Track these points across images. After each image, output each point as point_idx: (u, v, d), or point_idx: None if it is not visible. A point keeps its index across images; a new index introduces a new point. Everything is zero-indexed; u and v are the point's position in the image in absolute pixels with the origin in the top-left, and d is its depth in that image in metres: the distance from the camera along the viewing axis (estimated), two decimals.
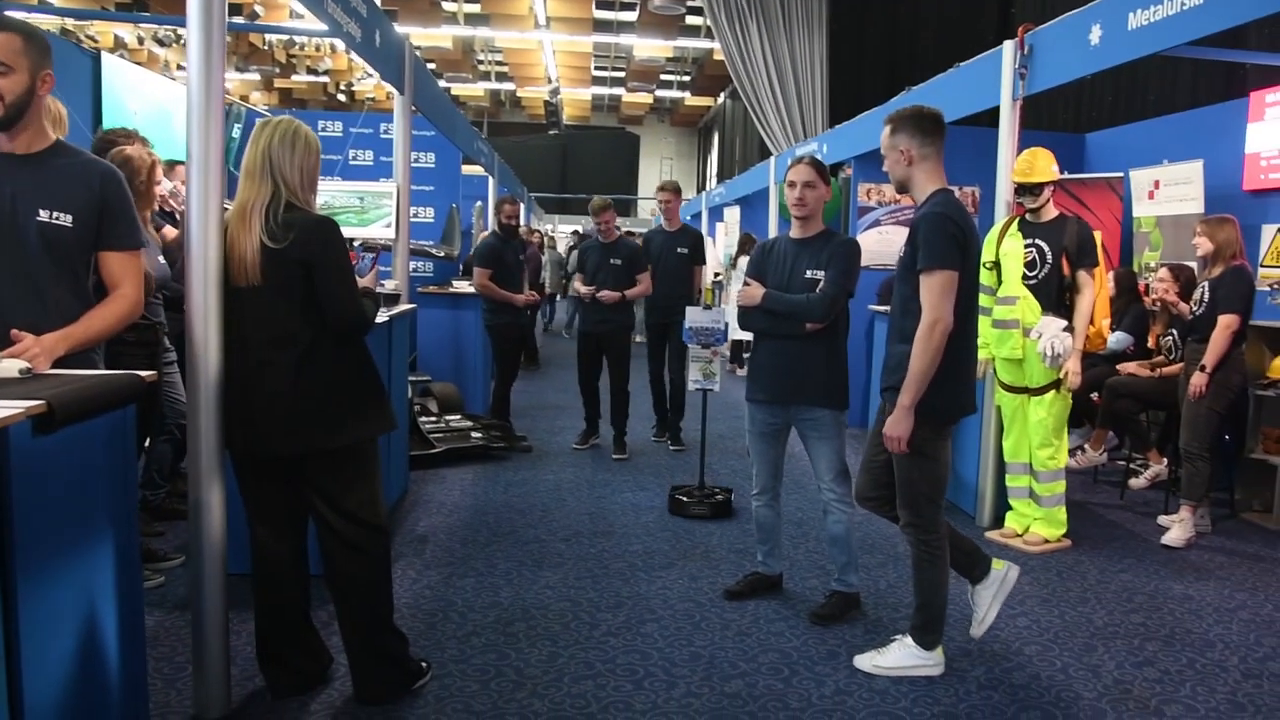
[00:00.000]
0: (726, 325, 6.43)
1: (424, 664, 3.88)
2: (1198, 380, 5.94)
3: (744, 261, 13.79)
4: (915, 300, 3.86)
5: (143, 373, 2.91)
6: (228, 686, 3.57)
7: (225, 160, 3.45)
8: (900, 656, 4.07)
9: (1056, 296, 5.71)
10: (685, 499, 6.45)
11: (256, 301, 3.38)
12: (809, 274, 4.61)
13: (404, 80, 6.81)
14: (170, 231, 5.45)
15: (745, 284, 4.77)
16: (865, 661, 4.12)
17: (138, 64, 10.28)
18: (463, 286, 9.23)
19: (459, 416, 8.32)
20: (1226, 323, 5.87)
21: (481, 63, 31.55)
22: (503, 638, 4.33)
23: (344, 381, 3.49)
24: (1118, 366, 7.18)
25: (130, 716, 2.85)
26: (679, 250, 8.62)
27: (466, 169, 12.53)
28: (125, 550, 2.77)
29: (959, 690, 3.95)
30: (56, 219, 3.18)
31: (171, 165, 6.09)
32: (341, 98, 29.26)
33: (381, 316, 5.10)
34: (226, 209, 3.44)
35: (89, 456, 2.59)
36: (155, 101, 8.72)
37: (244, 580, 3.85)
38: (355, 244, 6.60)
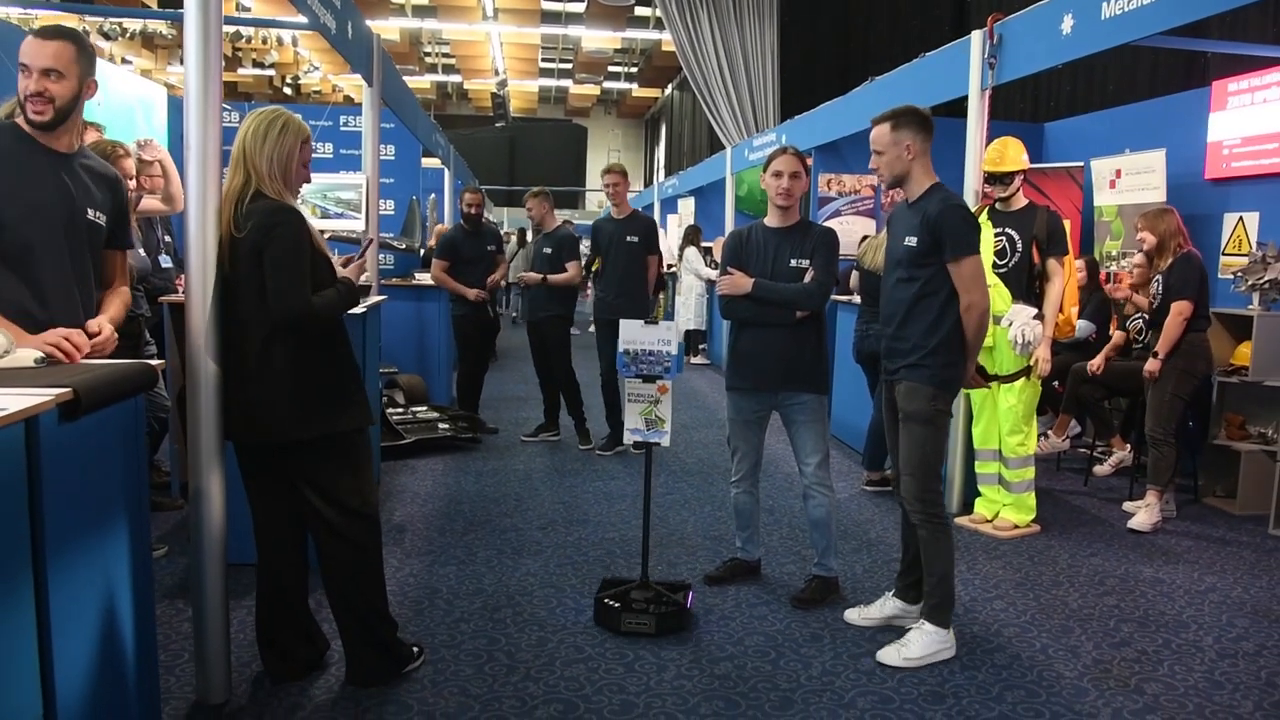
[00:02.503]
0: (682, 345, 4.82)
1: (415, 648, 3.89)
2: (1150, 366, 6.08)
3: (691, 252, 13.86)
4: (927, 288, 4.05)
5: (153, 361, 2.98)
6: (228, 672, 3.60)
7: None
8: (925, 644, 4.09)
9: (1026, 284, 5.79)
10: (616, 604, 4.39)
11: (228, 290, 3.41)
12: (794, 263, 4.66)
13: (373, 72, 6.76)
14: (150, 203, 5.47)
15: (727, 273, 4.78)
16: (893, 657, 4.09)
17: None
18: (425, 279, 9.22)
19: (425, 408, 8.31)
20: (1179, 309, 5.99)
21: (428, 55, 31.34)
22: (490, 623, 4.34)
23: (307, 372, 3.46)
24: (1086, 365, 7.22)
25: (145, 698, 2.92)
26: (629, 239, 7.91)
27: (424, 162, 12.45)
28: (139, 535, 2.83)
29: (943, 670, 4.01)
30: (97, 218, 3.38)
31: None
32: (288, 91, 28.95)
33: (358, 309, 5.07)
34: None
35: (106, 443, 2.65)
36: (120, 96, 8.58)
37: (240, 570, 3.90)
38: (325, 234, 6.57)
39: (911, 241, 4.05)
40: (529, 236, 18.96)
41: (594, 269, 8.17)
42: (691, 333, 14.58)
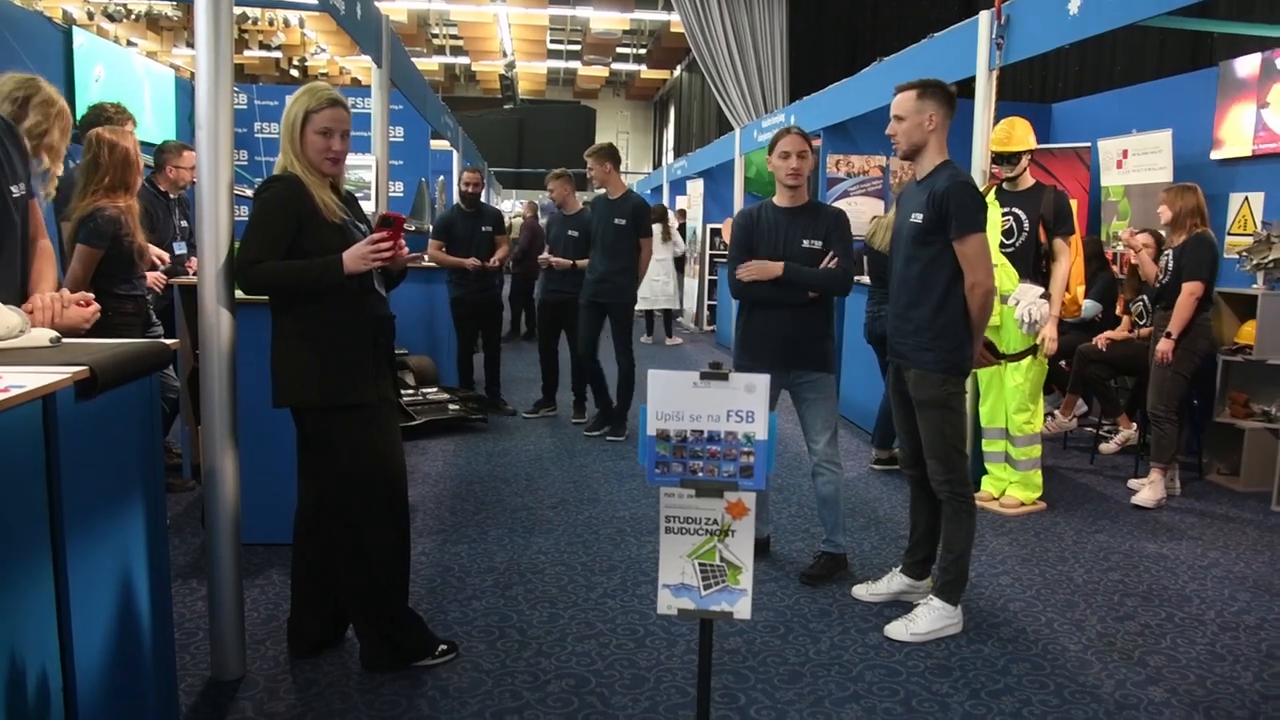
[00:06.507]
0: (773, 429, 2.70)
1: (443, 646, 3.79)
2: (1164, 346, 6.09)
3: (656, 230, 13.96)
4: (932, 266, 4.06)
5: (168, 341, 2.97)
6: (243, 649, 3.64)
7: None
8: (932, 620, 4.15)
9: (1033, 264, 5.82)
10: None
11: None
12: (805, 243, 4.71)
13: (383, 54, 6.79)
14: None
15: (742, 255, 4.82)
16: (900, 631, 4.15)
17: None
18: (429, 262, 9.25)
19: (435, 389, 8.36)
20: (1190, 289, 6.01)
21: (436, 36, 31.31)
22: (503, 600, 4.39)
23: (289, 344, 3.50)
24: (1094, 340, 7.26)
25: (161, 673, 2.92)
26: (616, 221, 7.71)
27: (433, 144, 12.48)
28: (154, 514, 2.82)
29: (950, 644, 4.06)
30: (19, 191, 3.06)
31: (180, 150, 6.10)
32: (294, 73, 28.91)
33: None
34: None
35: (123, 422, 2.64)
36: (122, 77, 8.60)
37: (252, 550, 3.98)
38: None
39: (918, 218, 4.06)
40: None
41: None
42: (669, 312, 14.77)
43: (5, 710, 2.03)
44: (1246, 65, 7.37)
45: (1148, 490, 6.17)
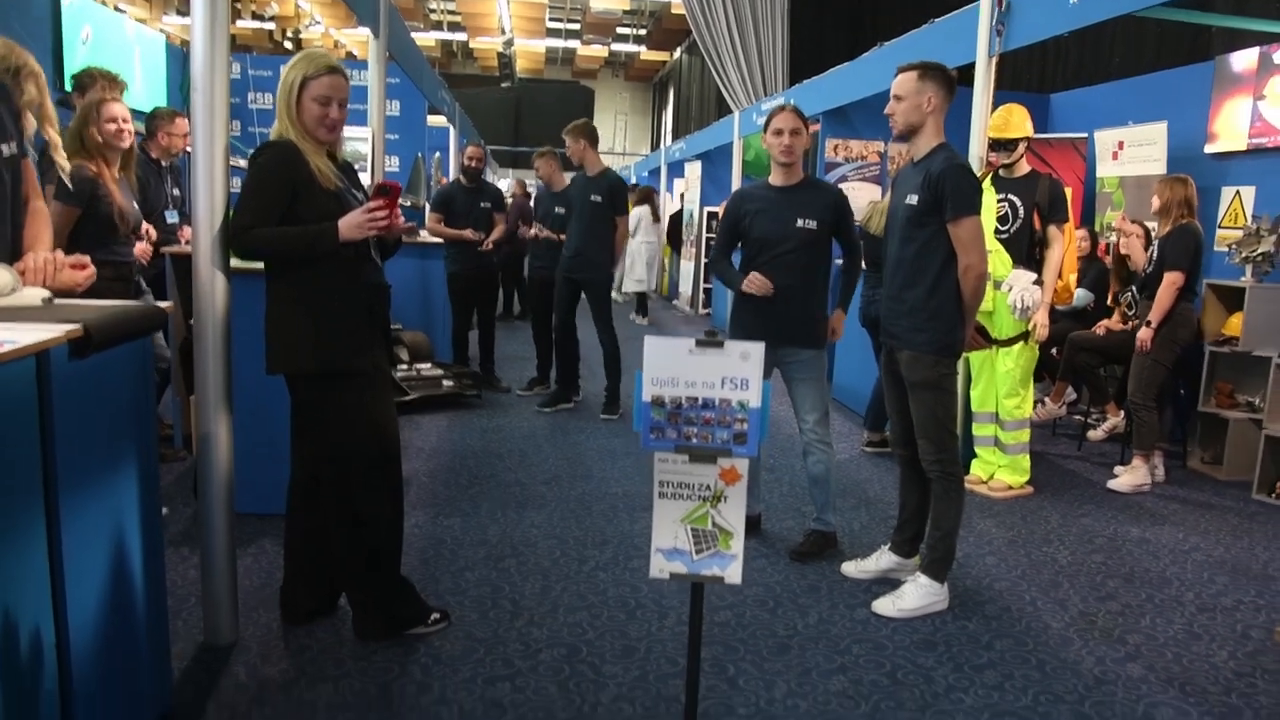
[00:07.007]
0: (767, 395, 2.75)
1: (436, 614, 3.83)
2: (1143, 335, 6.22)
3: (642, 210, 14.05)
4: (926, 248, 4.11)
5: (162, 303, 2.96)
6: (235, 614, 3.66)
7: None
8: (919, 596, 4.22)
9: (1027, 250, 5.87)
10: None
11: None
12: (801, 223, 4.74)
13: (380, 24, 6.75)
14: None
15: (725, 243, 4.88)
16: (888, 607, 4.22)
17: None
18: (428, 236, 9.26)
19: (429, 365, 8.39)
20: (1171, 279, 6.12)
21: (434, 11, 31.17)
22: (495, 572, 4.44)
23: (283, 311, 3.49)
24: (1094, 328, 7.34)
25: (154, 635, 2.94)
26: (593, 198, 7.79)
27: (429, 120, 12.44)
28: (147, 476, 2.82)
29: (936, 620, 4.14)
30: (9, 150, 2.94)
31: (172, 117, 6.10)
32: (288, 45, 28.76)
33: None
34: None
35: (116, 383, 2.63)
36: (112, 40, 8.53)
37: (244, 519, 4.01)
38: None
39: (913, 200, 4.10)
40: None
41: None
42: (639, 295, 14.91)
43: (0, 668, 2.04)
44: (1243, 60, 7.42)
45: (1126, 476, 6.29)
